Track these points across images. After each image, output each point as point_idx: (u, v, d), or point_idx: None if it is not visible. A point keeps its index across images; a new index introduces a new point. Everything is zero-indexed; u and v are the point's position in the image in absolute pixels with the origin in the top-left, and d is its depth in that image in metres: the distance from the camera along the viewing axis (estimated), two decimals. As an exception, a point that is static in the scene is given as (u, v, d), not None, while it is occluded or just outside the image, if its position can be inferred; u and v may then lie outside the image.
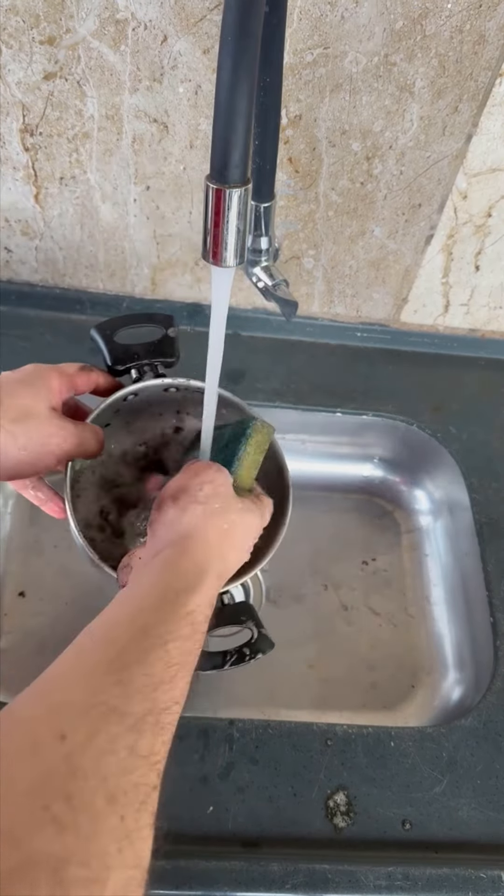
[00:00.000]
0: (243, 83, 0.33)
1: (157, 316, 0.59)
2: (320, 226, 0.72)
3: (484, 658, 0.66)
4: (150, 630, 0.34)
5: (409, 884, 0.51)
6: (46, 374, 0.48)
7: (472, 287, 0.80)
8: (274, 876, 0.50)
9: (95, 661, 0.32)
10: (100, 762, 0.27)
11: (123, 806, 0.26)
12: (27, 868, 0.23)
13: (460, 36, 0.57)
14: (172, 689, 0.32)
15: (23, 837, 0.23)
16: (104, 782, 0.26)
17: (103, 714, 0.28)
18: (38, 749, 0.26)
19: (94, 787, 0.26)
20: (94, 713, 0.28)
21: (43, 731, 0.27)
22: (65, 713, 0.28)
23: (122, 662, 0.31)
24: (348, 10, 0.55)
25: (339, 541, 0.82)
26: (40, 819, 0.24)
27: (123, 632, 0.34)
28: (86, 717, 0.28)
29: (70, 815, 0.25)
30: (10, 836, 0.23)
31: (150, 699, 0.31)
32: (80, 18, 0.56)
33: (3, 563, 0.74)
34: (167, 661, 0.33)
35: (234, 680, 0.71)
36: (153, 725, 0.30)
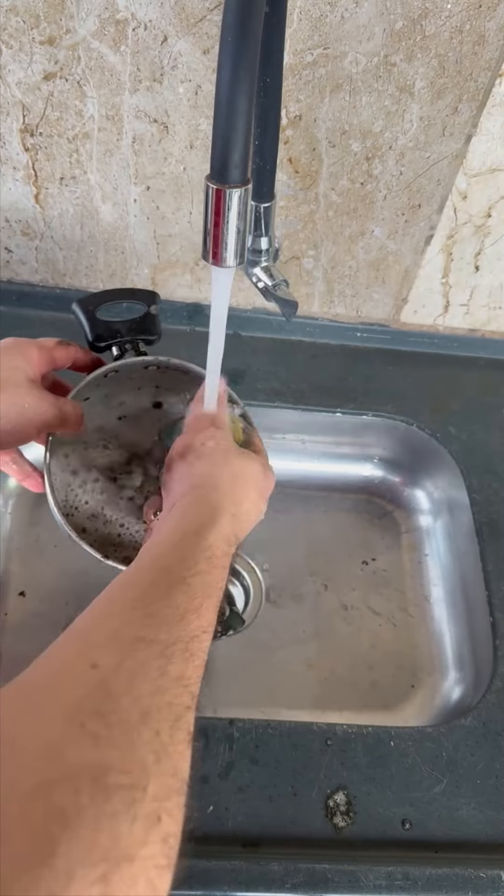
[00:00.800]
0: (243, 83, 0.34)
1: (139, 292, 0.59)
2: (320, 226, 0.72)
3: (484, 658, 0.66)
4: (171, 569, 0.35)
5: (409, 884, 0.51)
6: (25, 347, 0.49)
7: (471, 287, 0.80)
8: (274, 876, 0.50)
9: (122, 601, 0.33)
10: (132, 684, 0.28)
11: (157, 721, 0.27)
12: (69, 777, 0.23)
13: (460, 36, 0.57)
14: (199, 618, 0.33)
15: (62, 751, 0.24)
16: (137, 701, 0.27)
17: (132, 643, 0.30)
18: (72, 678, 0.27)
19: (128, 706, 0.27)
20: (124, 643, 0.30)
21: (76, 662, 0.28)
22: (96, 646, 0.29)
23: (148, 599, 0.33)
24: (348, 10, 0.55)
25: (339, 541, 0.82)
26: (78, 735, 0.25)
27: (146, 575, 0.35)
28: (116, 647, 0.29)
29: (106, 730, 0.25)
30: (49, 751, 0.24)
31: (178, 628, 0.32)
32: (81, 18, 0.56)
33: (3, 563, 0.74)
34: (190, 594, 0.34)
35: (234, 680, 0.71)
36: (182, 651, 0.31)
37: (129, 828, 0.23)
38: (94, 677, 0.27)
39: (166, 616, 0.32)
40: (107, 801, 0.23)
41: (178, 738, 0.28)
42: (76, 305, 0.56)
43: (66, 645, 0.31)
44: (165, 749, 0.27)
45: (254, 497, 0.46)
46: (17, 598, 0.72)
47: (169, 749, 0.27)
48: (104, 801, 0.23)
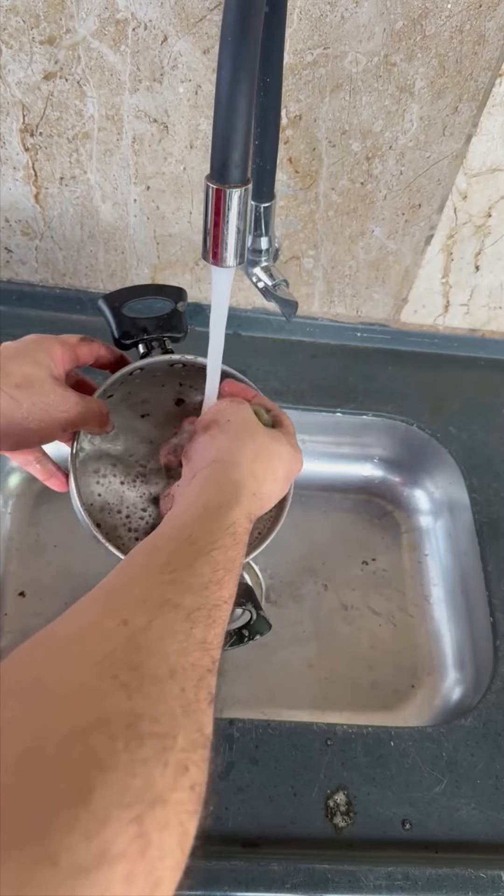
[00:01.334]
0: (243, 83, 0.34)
1: (166, 289, 0.58)
2: (320, 226, 0.72)
3: (484, 658, 0.66)
4: (195, 540, 0.36)
5: (409, 884, 0.51)
6: (49, 344, 0.48)
7: (472, 287, 0.80)
8: (274, 876, 0.50)
9: (147, 565, 0.34)
10: (161, 642, 0.29)
11: (183, 679, 0.28)
12: (103, 723, 0.24)
13: (460, 36, 0.57)
14: (220, 589, 0.34)
15: (96, 699, 0.25)
16: (165, 658, 0.28)
17: (159, 605, 0.31)
18: (102, 632, 0.28)
19: (157, 662, 0.28)
20: (152, 604, 0.31)
21: (106, 619, 0.29)
22: (124, 605, 0.30)
23: (172, 566, 0.34)
24: (348, 10, 0.55)
25: (339, 541, 0.82)
26: (110, 685, 0.26)
27: (170, 542, 0.36)
28: (144, 607, 0.30)
29: (137, 682, 0.26)
30: (83, 699, 0.25)
31: (202, 596, 0.33)
32: (80, 18, 0.56)
33: (3, 563, 0.74)
34: (213, 566, 0.35)
35: (234, 680, 0.71)
36: (206, 618, 0.32)
37: (161, 773, 0.24)
38: (124, 633, 0.28)
39: (191, 584, 0.33)
40: (140, 747, 0.24)
41: (202, 696, 0.29)
42: (102, 302, 0.55)
43: (94, 603, 0.32)
44: (190, 705, 0.28)
45: (278, 476, 0.46)
46: (17, 598, 0.72)
47: (193, 706, 0.28)
48: (137, 747, 0.24)
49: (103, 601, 0.32)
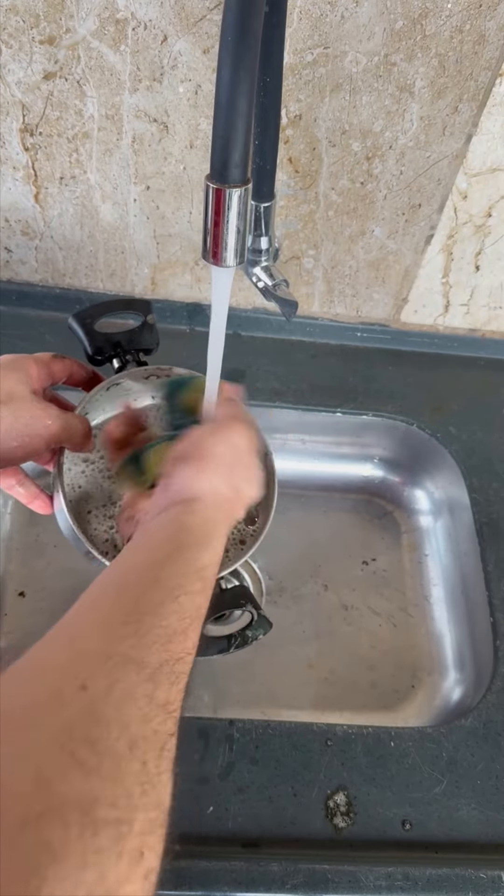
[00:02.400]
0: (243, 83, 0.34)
1: (135, 302, 0.58)
2: (320, 226, 0.72)
3: (484, 658, 0.66)
4: (163, 582, 0.35)
5: (409, 884, 0.51)
6: (23, 361, 0.48)
7: (472, 287, 0.80)
8: (274, 876, 0.50)
9: (111, 610, 0.33)
10: (121, 710, 0.28)
11: (144, 752, 0.27)
12: (58, 809, 0.23)
13: (460, 36, 0.57)
14: (185, 640, 0.33)
15: (51, 781, 0.24)
16: (126, 729, 0.27)
17: (121, 664, 0.29)
18: (60, 699, 0.27)
19: (117, 734, 0.27)
20: (113, 663, 0.29)
21: (65, 681, 0.28)
22: (84, 663, 0.29)
23: (138, 613, 0.32)
24: (348, 9, 0.55)
25: (339, 541, 0.82)
26: (67, 764, 0.25)
27: (137, 583, 0.35)
28: (105, 667, 0.29)
29: (95, 760, 0.25)
30: (38, 780, 0.24)
31: (166, 650, 0.31)
32: (80, 18, 0.56)
33: (3, 563, 0.74)
34: (180, 614, 0.34)
35: (235, 680, 0.71)
36: (168, 675, 0.31)
37: (114, 864, 0.23)
38: (83, 700, 0.27)
39: (156, 636, 0.32)
40: (94, 835, 0.23)
41: (163, 767, 0.28)
42: (73, 320, 0.56)
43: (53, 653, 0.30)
44: (151, 780, 0.27)
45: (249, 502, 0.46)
46: (17, 598, 0.72)
47: (154, 780, 0.27)
48: (92, 836, 0.23)
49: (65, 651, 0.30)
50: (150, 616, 0.32)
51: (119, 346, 0.55)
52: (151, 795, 0.26)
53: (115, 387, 0.55)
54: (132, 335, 0.56)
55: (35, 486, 0.53)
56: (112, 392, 0.55)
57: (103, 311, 0.57)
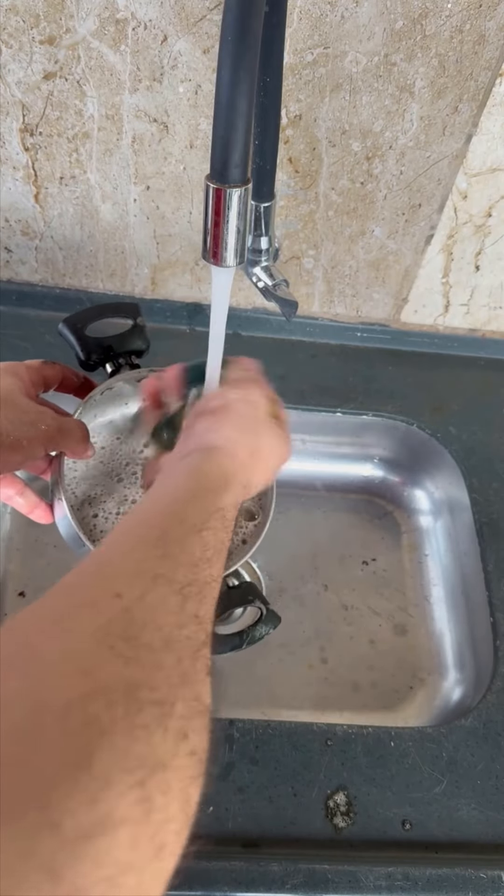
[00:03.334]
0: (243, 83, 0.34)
1: (123, 306, 0.59)
2: (320, 226, 0.72)
3: (484, 658, 0.66)
4: (186, 519, 0.36)
5: (409, 884, 0.51)
6: (14, 367, 0.49)
7: (472, 287, 0.80)
8: (274, 876, 0.50)
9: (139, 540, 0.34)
10: (154, 614, 0.29)
11: (179, 650, 0.28)
12: (102, 691, 0.24)
13: (460, 36, 0.57)
14: (210, 567, 0.34)
15: (93, 669, 0.25)
16: (160, 630, 0.28)
17: (153, 579, 0.31)
18: (96, 605, 0.28)
19: (152, 633, 0.28)
20: (145, 578, 0.31)
21: (99, 591, 0.29)
22: (117, 578, 0.30)
23: (164, 541, 0.34)
24: (348, 10, 0.55)
25: (339, 541, 0.82)
26: (107, 655, 0.26)
27: (162, 519, 0.36)
28: (137, 580, 0.30)
29: (133, 652, 0.26)
30: (80, 668, 0.25)
31: (193, 572, 0.33)
32: (80, 18, 0.56)
33: (3, 563, 0.74)
34: (203, 546, 0.35)
35: (235, 680, 0.71)
36: (197, 594, 0.32)
37: (161, 738, 0.24)
38: (118, 605, 0.28)
39: (182, 560, 0.33)
40: (139, 712, 0.24)
41: (199, 667, 0.29)
42: (63, 326, 0.56)
43: (86, 576, 0.32)
44: (188, 675, 0.28)
45: (268, 468, 0.47)
46: (17, 598, 0.72)
47: (191, 675, 0.28)
48: (137, 713, 0.24)
49: (96, 573, 0.32)
50: (176, 545, 0.34)
51: (111, 350, 0.56)
52: (189, 686, 0.27)
53: (109, 391, 0.55)
54: (123, 338, 0.57)
55: (35, 496, 0.53)
56: (106, 396, 0.55)
57: (93, 316, 0.57)
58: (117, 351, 0.56)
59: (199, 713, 0.27)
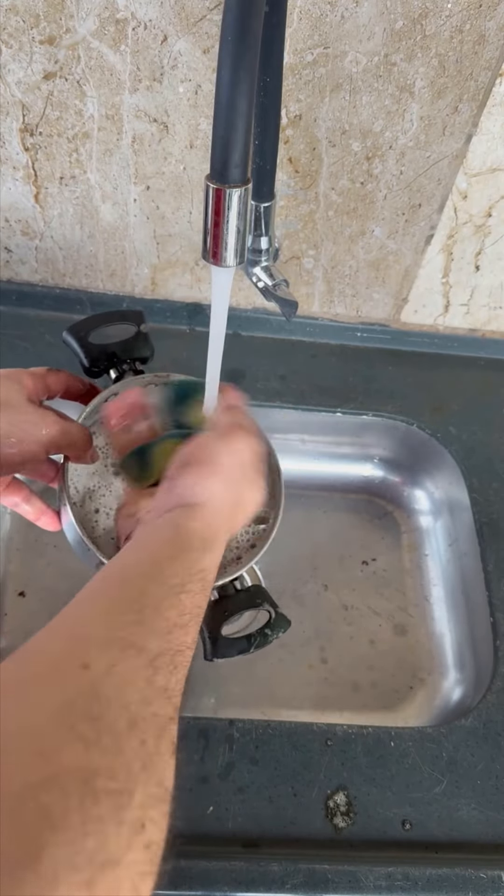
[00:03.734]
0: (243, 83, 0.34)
1: (127, 313, 0.59)
2: (320, 226, 0.72)
3: (484, 658, 0.66)
4: (165, 579, 0.35)
5: (409, 884, 0.51)
6: (17, 374, 0.48)
7: (472, 287, 0.80)
8: (274, 876, 0.50)
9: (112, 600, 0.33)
10: (121, 690, 0.28)
11: (143, 731, 0.27)
12: (58, 778, 0.23)
13: (460, 36, 0.57)
14: (185, 634, 0.34)
15: (52, 753, 0.24)
16: (125, 709, 0.27)
17: (123, 648, 0.30)
18: (62, 677, 0.28)
19: (117, 712, 0.27)
20: (115, 647, 0.30)
21: (66, 660, 0.28)
22: (86, 645, 0.29)
23: (139, 605, 0.33)
24: (348, 10, 0.55)
25: (339, 541, 0.82)
26: (67, 737, 0.25)
27: (139, 577, 0.35)
28: (107, 650, 0.29)
29: (95, 734, 0.25)
30: (38, 751, 0.24)
31: (166, 640, 0.32)
32: (80, 18, 0.56)
33: (3, 563, 0.74)
34: (180, 609, 0.34)
35: (235, 680, 0.71)
36: (168, 664, 0.31)
37: (115, 832, 0.23)
38: (85, 679, 0.27)
39: (156, 627, 0.32)
40: (94, 804, 0.23)
41: (163, 748, 0.28)
42: (67, 334, 0.56)
43: (55, 639, 0.31)
44: (151, 758, 0.27)
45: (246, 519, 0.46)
46: (17, 598, 0.72)
47: (154, 759, 0.27)
48: (92, 805, 0.23)
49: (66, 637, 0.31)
50: (152, 609, 0.33)
51: (115, 357, 0.56)
52: (151, 772, 0.26)
53: (113, 397, 0.55)
54: (127, 345, 0.57)
55: (41, 502, 0.53)
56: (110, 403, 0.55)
57: (97, 324, 0.57)
58: (121, 357, 0.56)
59: (159, 800, 0.26)
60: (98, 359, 0.56)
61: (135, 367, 0.56)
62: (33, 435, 0.46)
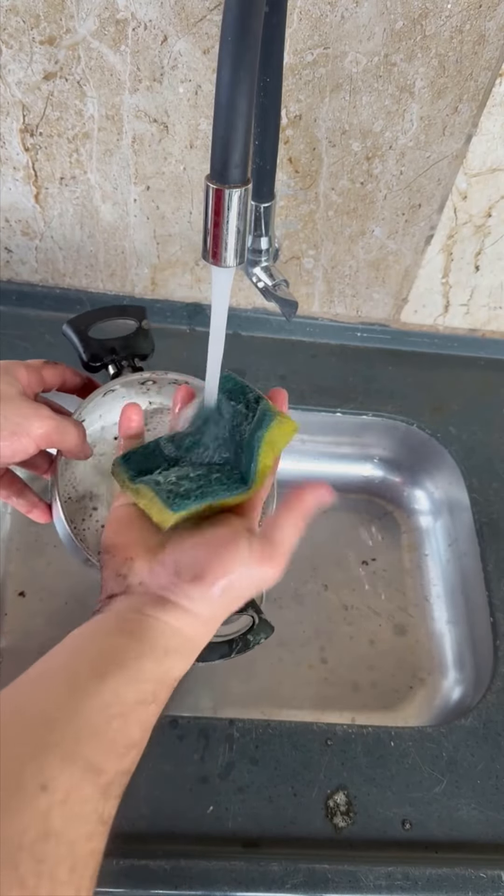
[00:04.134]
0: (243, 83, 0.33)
1: (129, 308, 0.58)
2: (320, 226, 0.72)
3: (484, 658, 0.66)
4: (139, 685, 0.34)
5: (409, 884, 0.51)
6: (13, 366, 0.48)
7: (472, 287, 0.80)
8: (274, 876, 0.50)
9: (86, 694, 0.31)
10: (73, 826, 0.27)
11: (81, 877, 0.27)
12: None
13: (460, 36, 0.57)
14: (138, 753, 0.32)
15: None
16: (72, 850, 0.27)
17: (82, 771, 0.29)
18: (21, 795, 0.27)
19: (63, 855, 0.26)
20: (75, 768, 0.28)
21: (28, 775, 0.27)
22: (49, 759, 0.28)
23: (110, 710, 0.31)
24: (348, 10, 0.55)
25: (339, 541, 0.82)
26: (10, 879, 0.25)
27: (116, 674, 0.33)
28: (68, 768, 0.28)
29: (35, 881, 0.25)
30: None
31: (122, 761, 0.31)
32: (81, 18, 0.56)
33: (3, 563, 0.74)
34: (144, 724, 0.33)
35: (235, 680, 0.71)
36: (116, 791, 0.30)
37: None
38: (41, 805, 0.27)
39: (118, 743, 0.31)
40: None
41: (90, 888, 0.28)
42: (67, 327, 0.56)
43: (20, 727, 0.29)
44: None
45: None
46: (17, 598, 0.72)
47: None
48: None
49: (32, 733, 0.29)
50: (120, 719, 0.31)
51: (114, 352, 0.56)
52: None
53: (111, 393, 0.55)
54: (127, 341, 0.56)
55: (34, 495, 0.53)
56: (108, 398, 0.55)
57: (98, 318, 0.57)
58: (121, 353, 0.56)
59: None
60: (97, 354, 0.55)
61: (134, 363, 0.56)
62: (26, 429, 0.45)
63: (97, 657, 0.34)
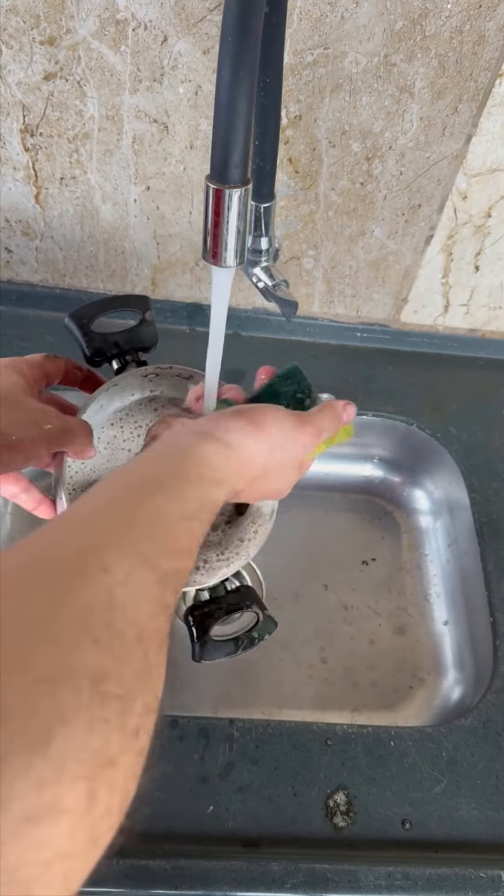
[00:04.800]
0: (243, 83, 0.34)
1: (132, 299, 0.57)
2: (320, 226, 0.72)
3: (484, 658, 0.66)
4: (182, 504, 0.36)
5: (409, 884, 0.51)
6: (15, 364, 0.48)
7: (471, 287, 0.80)
8: (274, 876, 0.50)
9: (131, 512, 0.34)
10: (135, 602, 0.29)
11: (148, 644, 0.29)
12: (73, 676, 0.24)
13: (460, 36, 0.57)
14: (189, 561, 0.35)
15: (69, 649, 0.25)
16: (135, 620, 0.29)
17: (139, 562, 0.31)
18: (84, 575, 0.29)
19: (128, 622, 0.28)
20: (133, 558, 0.31)
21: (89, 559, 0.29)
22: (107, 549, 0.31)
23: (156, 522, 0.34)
24: (348, 10, 0.55)
25: (339, 541, 0.82)
26: (84, 638, 0.26)
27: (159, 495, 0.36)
28: (126, 558, 0.30)
29: (108, 639, 0.27)
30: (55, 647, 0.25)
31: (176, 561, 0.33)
32: (81, 19, 0.56)
33: (4, 563, 0.74)
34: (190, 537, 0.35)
35: (235, 680, 0.71)
36: (174, 584, 0.32)
37: (118, 735, 0.25)
38: (104, 583, 0.29)
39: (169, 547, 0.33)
40: (102, 707, 0.25)
41: (160, 661, 0.29)
42: (69, 320, 0.54)
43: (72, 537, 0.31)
44: (150, 670, 0.28)
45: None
46: (18, 598, 0.72)
47: (152, 671, 0.28)
48: (100, 707, 0.25)
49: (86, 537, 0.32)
50: (167, 530, 0.34)
51: (118, 346, 0.54)
52: (150, 684, 0.28)
53: (114, 388, 0.54)
54: (130, 333, 0.55)
55: (39, 492, 0.53)
56: (112, 393, 0.55)
57: (100, 310, 0.55)
58: (124, 347, 0.54)
59: (152, 711, 0.28)
60: (100, 348, 0.54)
61: (137, 357, 0.55)
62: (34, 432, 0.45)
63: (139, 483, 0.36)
